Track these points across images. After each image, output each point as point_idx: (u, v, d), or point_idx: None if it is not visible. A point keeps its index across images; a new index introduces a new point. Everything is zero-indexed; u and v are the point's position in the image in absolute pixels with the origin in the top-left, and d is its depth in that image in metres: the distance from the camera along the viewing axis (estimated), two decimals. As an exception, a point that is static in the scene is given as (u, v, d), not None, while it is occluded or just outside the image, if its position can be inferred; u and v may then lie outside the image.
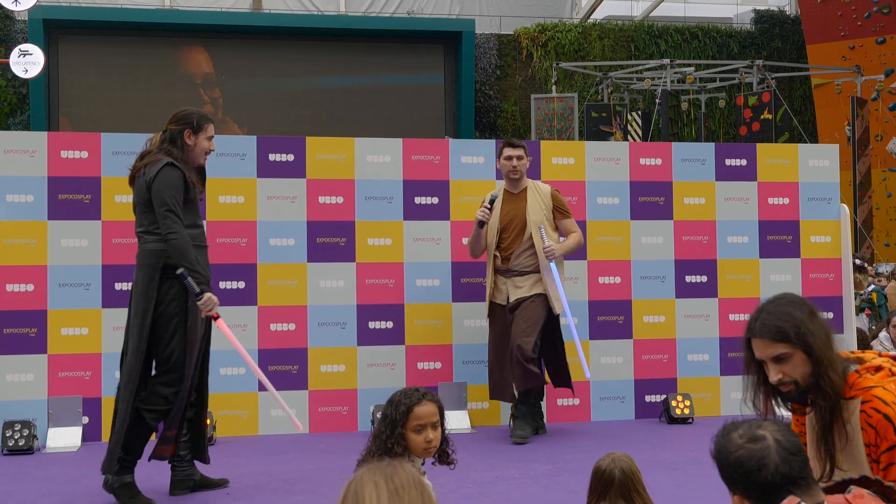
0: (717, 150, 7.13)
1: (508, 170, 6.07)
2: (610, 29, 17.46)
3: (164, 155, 4.53)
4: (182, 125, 4.63)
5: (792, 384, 2.60)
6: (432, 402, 3.13)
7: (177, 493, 4.60)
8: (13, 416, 5.85)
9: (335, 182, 6.54)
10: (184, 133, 4.61)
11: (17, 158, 6.15)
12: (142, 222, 4.55)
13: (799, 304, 2.64)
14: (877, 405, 2.51)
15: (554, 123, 14.84)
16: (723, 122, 17.13)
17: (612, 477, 3.08)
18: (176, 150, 4.57)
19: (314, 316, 6.40)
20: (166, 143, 4.61)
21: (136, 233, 4.59)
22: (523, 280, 5.99)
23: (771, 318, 2.61)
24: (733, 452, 2.08)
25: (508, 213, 6.05)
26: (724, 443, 2.13)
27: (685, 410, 6.56)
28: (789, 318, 2.59)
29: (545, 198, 6.10)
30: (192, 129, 4.63)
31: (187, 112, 4.70)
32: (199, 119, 4.67)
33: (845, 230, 7.20)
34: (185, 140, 4.61)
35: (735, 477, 2.06)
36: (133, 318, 4.50)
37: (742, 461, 2.05)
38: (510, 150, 6.09)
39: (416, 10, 17.72)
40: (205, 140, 4.68)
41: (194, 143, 4.64)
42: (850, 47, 16.04)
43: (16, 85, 14.81)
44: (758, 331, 2.62)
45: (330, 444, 5.90)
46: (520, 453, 5.56)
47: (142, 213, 4.54)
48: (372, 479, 1.66)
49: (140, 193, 4.53)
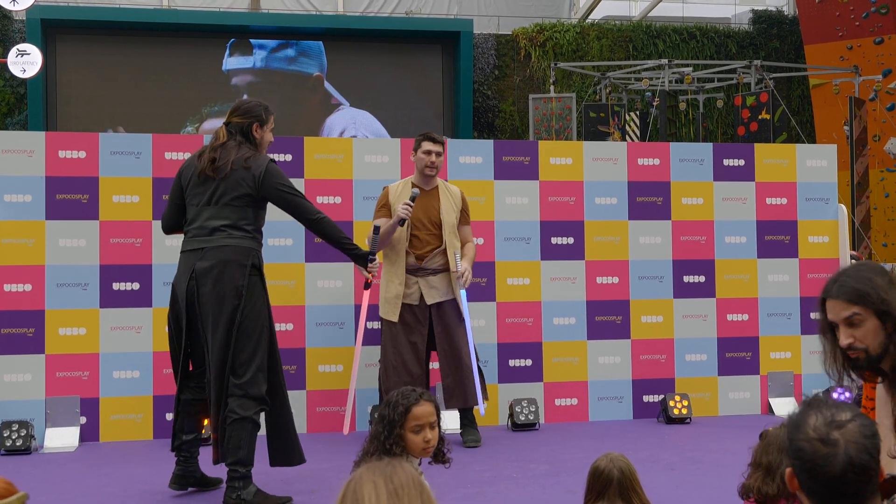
0: (715, 150, 7.14)
1: (426, 164, 5.81)
2: (608, 29, 17.46)
3: (252, 150, 4.53)
4: (249, 118, 4.59)
5: (862, 351, 2.55)
6: (429, 402, 3.14)
7: (175, 487, 4.57)
8: (11, 416, 5.85)
9: (333, 182, 6.54)
10: (252, 127, 4.58)
11: (15, 158, 6.14)
12: (229, 215, 4.44)
13: (880, 271, 2.61)
14: None
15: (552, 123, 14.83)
16: (721, 122, 17.13)
17: (610, 477, 3.08)
18: (249, 143, 4.56)
19: (312, 316, 6.40)
20: (238, 135, 4.56)
21: (218, 226, 4.43)
22: (437, 280, 5.84)
23: (849, 281, 2.58)
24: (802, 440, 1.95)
25: (420, 212, 5.81)
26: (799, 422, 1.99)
27: (683, 410, 6.57)
28: (868, 282, 2.55)
29: (456, 199, 5.96)
30: (260, 122, 4.61)
31: (252, 104, 4.65)
32: (266, 112, 4.64)
33: (843, 230, 7.21)
34: (254, 133, 4.59)
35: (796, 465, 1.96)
36: (220, 315, 4.33)
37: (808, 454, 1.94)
38: (430, 144, 5.82)
39: (415, 10, 17.71)
40: (269, 132, 4.68)
41: (261, 136, 4.62)
42: (848, 47, 16.04)
43: (14, 85, 14.79)
44: (834, 292, 2.59)
45: (327, 445, 5.89)
46: (517, 453, 5.56)
47: (231, 205, 4.45)
48: (371, 478, 1.64)
49: (239, 186, 4.44)
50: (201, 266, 4.38)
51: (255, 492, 4.35)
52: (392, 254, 5.85)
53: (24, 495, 2.13)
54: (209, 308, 4.36)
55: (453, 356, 5.81)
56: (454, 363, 5.80)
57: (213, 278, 4.37)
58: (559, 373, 6.70)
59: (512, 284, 6.69)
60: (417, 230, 5.84)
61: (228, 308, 4.34)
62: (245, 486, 4.34)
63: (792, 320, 7.05)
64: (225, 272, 4.36)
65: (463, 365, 5.79)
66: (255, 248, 4.49)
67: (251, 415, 4.36)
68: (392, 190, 5.93)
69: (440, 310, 5.84)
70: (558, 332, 6.72)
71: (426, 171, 5.86)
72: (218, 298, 4.35)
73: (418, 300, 5.81)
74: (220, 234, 4.43)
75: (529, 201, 6.76)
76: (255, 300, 4.43)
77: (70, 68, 14.73)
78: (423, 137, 5.90)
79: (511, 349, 6.65)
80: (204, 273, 4.38)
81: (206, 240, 4.44)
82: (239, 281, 4.36)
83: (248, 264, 4.41)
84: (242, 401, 4.35)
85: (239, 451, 4.33)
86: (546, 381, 6.68)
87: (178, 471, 4.59)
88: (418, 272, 5.83)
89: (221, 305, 4.34)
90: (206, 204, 4.48)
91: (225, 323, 4.34)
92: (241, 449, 4.33)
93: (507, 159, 6.78)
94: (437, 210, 5.89)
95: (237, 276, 4.37)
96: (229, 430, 4.35)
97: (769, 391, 6.97)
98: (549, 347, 6.71)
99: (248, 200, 4.47)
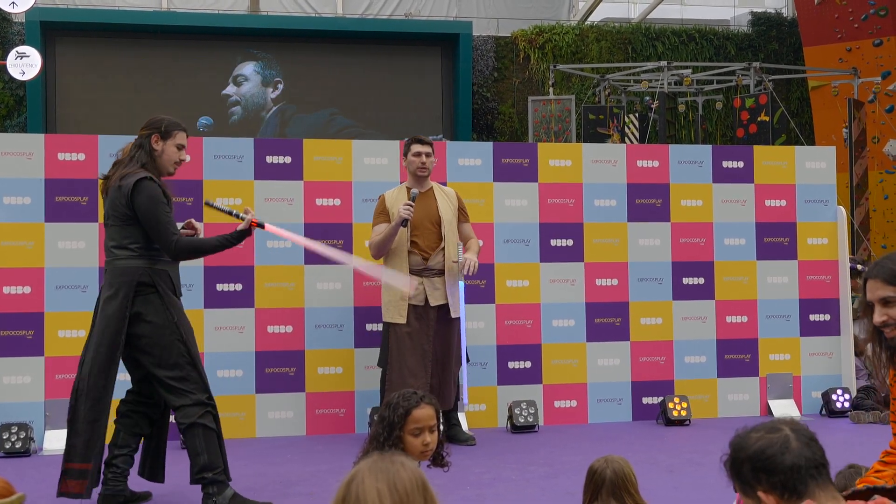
0: (715, 151, 7.14)
1: (417, 166, 5.89)
2: (607, 31, 17.47)
3: (138, 167, 4.36)
4: (150, 130, 4.45)
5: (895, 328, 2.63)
6: (430, 405, 3.14)
7: None
8: (10, 418, 5.85)
9: (332, 184, 6.54)
10: (151, 138, 4.43)
11: (14, 160, 6.15)
12: (113, 236, 4.35)
13: None
14: None
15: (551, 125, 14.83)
16: (720, 124, 17.14)
17: (603, 477, 3.11)
18: (145, 155, 4.40)
19: (311, 318, 6.40)
20: (136, 149, 4.44)
21: (107, 247, 4.38)
22: (440, 281, 5.88)
23: (889, 263, 2.67)
24: (753, 444, 2.08)
25: (419, 212, 5.86)
26: (741, 439, 2.13)
27: (682, 412, 6.57)
28: None
29: (452, 198, 6.02)
30: (160, 134, 4.44)
31: (158, 118, 4.51)
32: (168, 125, 4.47)
33: (842, 232, 7.21)
34: (152, 145, 4.43)
35: (757, 467, 2.05)
36: (100, 337, 4.28)
37: (763, 448, 2.06)
38: (419, 146, 5.92)
39: (414, 12, 17.73)
40: (173, 147, 4.47)
41: (161, 148, 4.43)
42: (847, 49, 16.05)
43: (13, 87, 14.79)
44: (873, 271, 2.68)
45: (327, 446, 5.90)
46: (517, 455, 5.56)
47: (114, 226, 4.35)
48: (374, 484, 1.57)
49: (116, 206, 4.32)
50: (103, 287, 4.40)
51: (231, 495, 4.27)
52: (394, 257, 5.87)
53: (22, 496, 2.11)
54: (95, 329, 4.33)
55: (444, 360, 5.85)
56: (443, 365, 5.85)
57: (102, 300, 4.34)
58: (558, 375, 6.70)
59: (511, 286, 6.70)
60: (418, 230, 5.87)
61: (111, 329, 4.27)
62: (220, 490, 4.26)
63: (791, 322, 7.06)
64: (109, 297, 4.30)
65: (449, 371, 5.86)
66: (141, 267, 4.32)
67: (195, 420, 4.28)
68: (388, 196, 5.97)
69: (441, 311, 5.86)
70: (557, 334, 6.72)
71: (418, 172, 5.92)
72: (104, 323, 4.29)
73: (423, 301, 5.83)
74: (109, 257, 4.38)
75: (529, 203, 6.77)
76: (145, 323, 4.31)
77: (69, 70, 14.73)
78: (411, 140, 6.00)
79: (510, 351, 6.65)
80: (100, 295, 4.38)
81: (106, 262, 4.41)
82: (121, 302, 4.27)
83: (132, 285, 4.29)
84: (183, 410, 4.30)
85: (198, 457, 4.27)
86: (545, 383, 6.68)
87: (106, 491, 4.43)
88: (423, 272, 5.86)
89: (103, 326, 4.29)
90: (105, 225, 4.44)
91: (106, 346, 4.27)
92: (200, 455, 4.27)
93: (506, 161, 6.78)
94: (436, 209, 5.94)
95: (117, 298, 4.28)
96: (185, 441, 4.31)
97: (768, 393, 6.97)
98: (549, 349, 6.71)
99: (127, 219, 4.32)
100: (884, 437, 6.24)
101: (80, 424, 4.30)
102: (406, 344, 5.76)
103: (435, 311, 5.84)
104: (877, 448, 5.82)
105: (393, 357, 5.77)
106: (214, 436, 4.32)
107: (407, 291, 5.65)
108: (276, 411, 6.31)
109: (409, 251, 5.84)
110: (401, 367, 5.73)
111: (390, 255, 5.87)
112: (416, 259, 5.85)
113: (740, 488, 2.10)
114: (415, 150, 5.93)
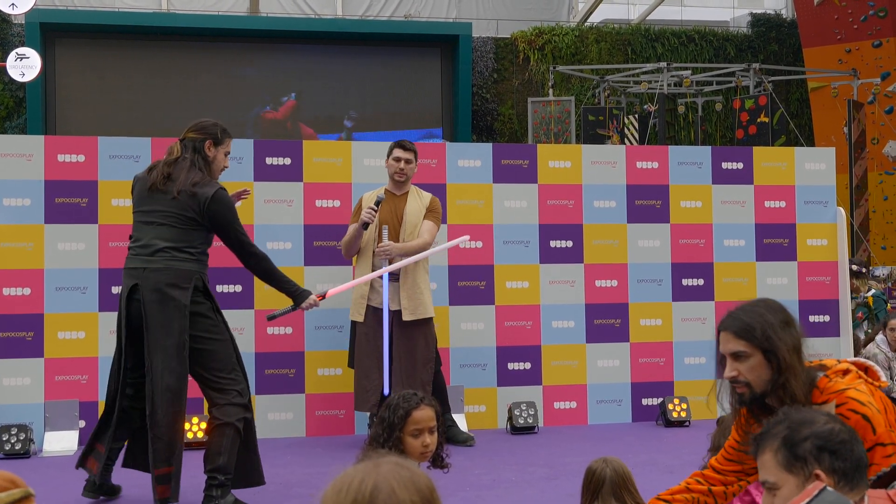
0: (714, 153, 7.14)
1: (395, 171, 5.94)
2: (607, 32, 17.49)
3: (203, 175, 4.41)
4: (203, 135, 4.48)
5: (745, 386, 2.59)
6: (430, 406, 3.14)
7: (90, 496, 4.49)
8: (10, 419, 5.85)
9: (332, 185, 6.54)
10: (205, 144, 4.47)
11: (14, 162, 6.15)
12: (170, 237, 4.34)
13: (776, 310, 2.63)
14: (853, 406, 2.50)
15: (551, 127, 14.84)
16: (719, 125, 17.15)
17: (603, 477, 3.12)
18: (199, 158, 4.45)
19: (311, 320, 6.40)
20: (192, 153, 4.45)
21: (153, 245, 4.34)
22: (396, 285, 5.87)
23: (742, 315, 2.62)
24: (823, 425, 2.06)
25: (388, 213, 5.92)
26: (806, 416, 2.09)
27: (682, 414, 6.57)
28: (759, 319, 2.59)
29: (425, 201, 6.04)
30: (214, 140, 4.50)
31: (209, 123, 4.54)
32: (222, 132, 4.54)
33: (842, 233, 7.21)
34: (206, 151, 4.48)
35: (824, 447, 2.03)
36: (163, 339, 4.26)
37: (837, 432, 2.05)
38: (400, 152, 5.96)
39: (413, 14, 17.75)
40: (223, 154, 4.56)
41: (214, 155, 4.50)
42: (847, 50, 16.06)
43: (13, 88, 14.80)
44: (725, 323, 2.63)
45: (327, 448, 5.89)
46: (517, 457, 5.56)
47: (174, 227, 4.35)
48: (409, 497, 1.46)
49: (183, 209, 4.34)
50: (145, 287, 4.31)
51: (232, 501, 4.29)
52: (361, 258, 5.94)
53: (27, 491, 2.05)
54: (155, 330, 4.28)
55: (408, 366, 5.76)
56: (407, 372, 5.75)
57: (157, 301, 4.29)
58: (558, 376, 6.71)
59: (511, 288, 6.70)
60: (388, 233, 5.90)
61: (176, 329, 4.27)
62: (223, 494, 4.27)
63: (791, 323, 7.04)
64: (167, 295, 4.28)
65: (415, 376, 5.73)
66: (197, 271, 4.39)
67: (233, 421, 4.30)
68: (366, 198, 6.03)
69: (398, 316, 5.84)
70: (557, 336, 6.73)
71: (395, 177, 5.97)
72: (165, 320, 4.27)
73: (381, 303, 5.84)
74: (162, 256, 4.34)
75: (528, 204, 6.77)
76: (203, 320, 4.36)
77: (69, 72, 14.74)
78: (394, 145, 6.04)
79: (510, 352, 6.65)
80: (148, 295, 4.30)
81: (147, 259, 4.35)
82: (183, 302, 4.30)
83: (191, 287, 4.33)
84: (225, 408, 4.31)
85: (219, 457, 4.27)
86: (545, 385, 6.68)
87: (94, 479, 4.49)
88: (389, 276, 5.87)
89: (168, 327, 4.27)
90: (152, 223, 4.39)
91: (174, 347, 4.27)
92: (222, 455, 4.27)
93: (505, 163, 6.78)
94: (402, 212, 5.97)
95: (181, 297, 4.30)
96: (211, 436, 4.32)
97: (768, 394, 6.96)
98: (548, 351, 6.71)
99: (192, 224, 4.37)
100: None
101: (160, 429, 4.27)
102: (363, 344, 5.85)
103: (392, 316, 5.82)
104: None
105: (355, 357, 5.90)
106: (240, 443, 4.36)
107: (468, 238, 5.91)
108: (276, 413, 6.31)
109: (374, 252, 5.88)
110: (359, 366, 5.83)
111: (360, 256, 5.95)
112: (378, 260, 5.87)
113: (785, 462, 2.05)
114: (395, 154, 5.96)
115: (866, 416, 2.47)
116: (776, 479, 2.04)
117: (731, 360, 2.59)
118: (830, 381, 2.59)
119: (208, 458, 4.30)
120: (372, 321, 5.83)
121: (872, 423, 2.46)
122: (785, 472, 2.04)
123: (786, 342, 2.56)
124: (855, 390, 2.54)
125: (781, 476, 2.04)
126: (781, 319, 2.60)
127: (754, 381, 2.57)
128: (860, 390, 2.54)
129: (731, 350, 2.59)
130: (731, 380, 2.59)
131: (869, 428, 2.45)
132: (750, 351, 2.56)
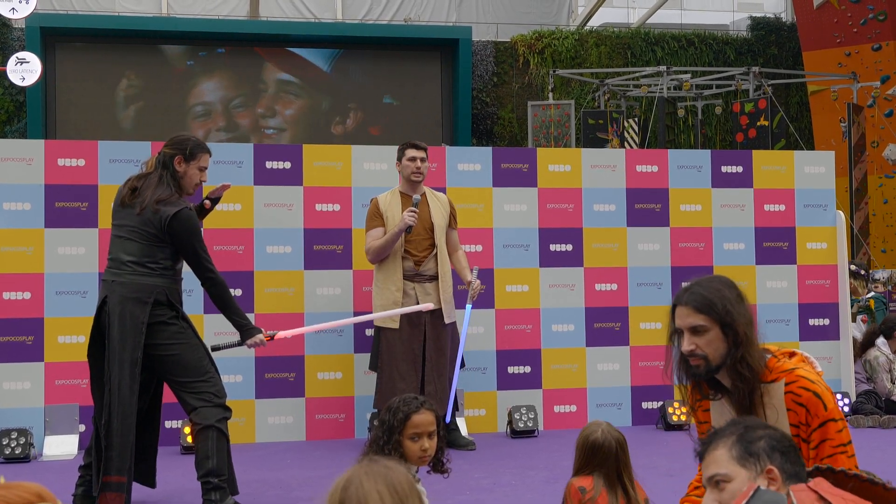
0: (714, 156, 7.15)
1: (411, 171, 5.87)
2: (606, 36, 17.50)
3: (171, 192, 4.38)
4: (174, 150, 4.45)
5: (702, 359, 2.62)
6: (430, 410, 3.14)
7: None
8: (10, 424, 5.85)
9: (332, 189, 6.55)
10: (174, 159, 4.44)
11: (14, 166, 6.15)
12: (133, 251, 4.34)
13: (730, 285, 2.68)
14: (804, 384, 2.57)
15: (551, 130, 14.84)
16: (719, 128, 17.16)
17: (610, 449, 3.12)
18: (168, 174, 4.42)
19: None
20: (162, 168, 4.43)
21: (118, 259, 4.35)
22: (431, 287, 5.90)
23: (700, 289, 2.65)
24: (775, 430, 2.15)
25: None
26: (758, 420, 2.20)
27: (682, 417, 6.57)
28: (717, 294, 2.63)
29: (444, 205, 6.03)
30: (184, 156, 4.45)
31: (183, 137, 4.52)
32: (193, 148, 4.47)
33: (841, 236, 7.21)
34: (175, 166, 4.43)
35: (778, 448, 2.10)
36: (119, 353, 4.25)
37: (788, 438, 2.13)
38: (414, 151, 5.90)
39: (413, 18, 17.76)
40: (195, 170, 4.49)
41: (184, 171, 4.45)
42: (846, 54, 16.07)
43: (13, 93, 14.81)
44: (684, 299, 2.65)
45: (327, 452, 5.89)
46: (517, 460, 5.56)
47: (137, 242, 4.33)
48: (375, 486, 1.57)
49: (146, 226, 4.33)
50: (111, 300, 4.32)
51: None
52: (387, 262, 5.87)
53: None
54: (114, 342, 4.27)
55: (439, 366, 5.82)
56: (438, 371, 5.82)
57: (118, 315, 4.29)
58: (558, 379, 6.71)
59: (510, 291, 6.70)
60: (411, 236, 5.87)
61: (129, 345, 4.25)
62: (222, 497, 4.25)
63: (790, 326, 7.06)
64: (126, 309, 4.28)
65: (445, 376, 5.83)
66: (160, 286, 4.35)
67: (213, 423, 4.28)
68: (382, 200, 5.97)
69: (433, 317, 5.86)
70: (557, 339, 6.73)
71: (412, 177, 5.91)
72: (121, 335, 4.26)
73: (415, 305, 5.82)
74: (125, 269, 4.34)
75: (528, 208, 6.77)
76: (166, 328, 4.32)
77: (69, 76, 14.75)
78: (406, 145, 5.98)
79: (510, 356, 6.65)
80: (112, 308, 4.31)
81: (115, 273, 4.36)
82: (140, 318, 4.28)
83: (151, 301, 4.30)
84: (202, 411, 4.29)
85: (208, 461, 4.25)
86: (545, 388, 6.68)
87: (82, 492, 4.47)
88: (415, 278, 5.87)
89: (124, 342, 4.26)
90: (121, 237, 4.40)
91: (128, 362, 4.24)
92: (210, 459, 4.25)
93: (505, 166, 6.79)
94: (429, 214, 5.94)
95: (138, 312, 4.28)
96: (196, 442, 4.30)
97: (768, 397, 6.96)
98: (548, 354, 6.71)
99: (155, 240, 4.35)
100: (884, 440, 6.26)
101: (113, 438, 4.25)
102: (397, 348, 5.79)
103: (427, 316, 5.84)
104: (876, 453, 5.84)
105: (384, 361, 5.80)
106: (226, 443, 4.33)
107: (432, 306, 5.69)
108: (276, 416, 6.31)
109: (403, 256, 5.86)
110: (391, 370, 5.76)
111: (384, 260, 5.88)
112: (409, 264, 5.87)
113: (739, 456, 2.10)
114: (410, 154, 5.91)
115: (817, 392, 2.55)
116: (728, 472, 2.09)
117: (688, 334, 2.62)
118: (779, 362, 2.66)
119: (198, 464, 4.28)
120: (406, 326, 5.81)
121: (823, 400, 2.54)
122: (738, 466, 2.09)
123: (743, 316, 2.61)
124: (803, 370, 2.62)
125: (734, 469, 2.09)
126: (737, 295, 2.65)
127: (711, 354, 2.61)
128: (808, 370, 2.63)
129: (689, 324, 2.62)
130: (689, 353, 2.62)
131: (820, 405, 2.53)
132: (709, 325, 2.60)
